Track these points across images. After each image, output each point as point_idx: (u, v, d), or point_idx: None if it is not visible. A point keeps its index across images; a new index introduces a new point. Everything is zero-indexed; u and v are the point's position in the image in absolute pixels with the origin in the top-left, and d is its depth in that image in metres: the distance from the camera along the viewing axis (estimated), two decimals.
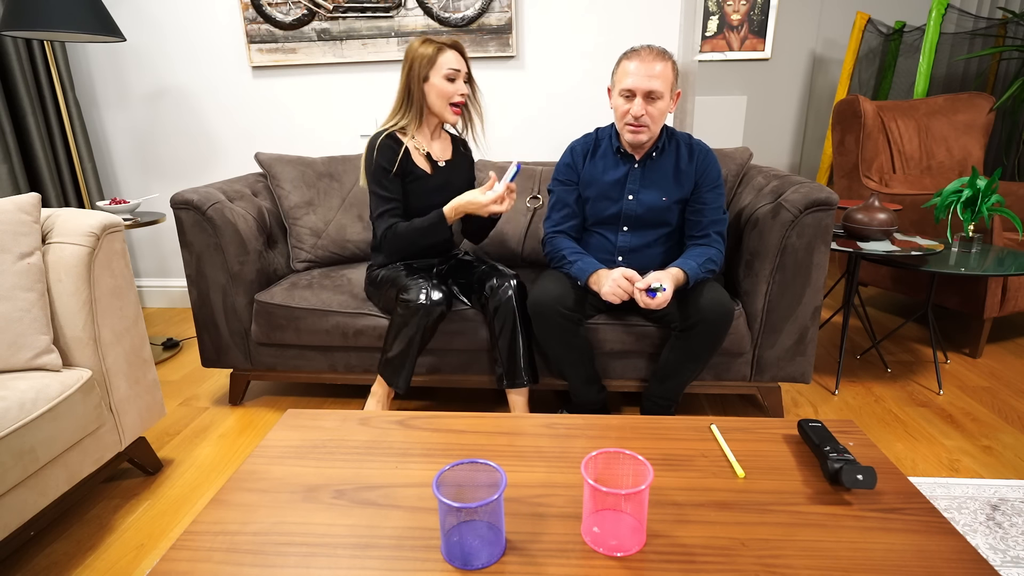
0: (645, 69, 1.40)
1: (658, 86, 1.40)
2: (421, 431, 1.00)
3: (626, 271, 1.42)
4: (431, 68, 1.53)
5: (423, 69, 1.53)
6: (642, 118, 1.43)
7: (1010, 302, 2.06)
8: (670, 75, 1.42)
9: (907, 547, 0.72)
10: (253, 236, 1.77)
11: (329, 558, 0.71)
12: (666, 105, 1.44)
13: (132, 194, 2.66)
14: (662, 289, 1.34)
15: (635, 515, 0.73)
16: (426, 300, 1.46)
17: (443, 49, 1.53)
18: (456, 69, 1.53)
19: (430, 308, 1.46)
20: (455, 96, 1.55)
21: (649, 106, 1.42)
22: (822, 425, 0.94)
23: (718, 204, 1.54)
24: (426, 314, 1.46)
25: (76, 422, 1.19)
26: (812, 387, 1.93)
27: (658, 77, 1.40)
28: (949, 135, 2.80)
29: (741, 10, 3.48)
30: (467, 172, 1.74)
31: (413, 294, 1.47)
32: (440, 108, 1.56)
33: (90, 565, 1.20)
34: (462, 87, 1.56)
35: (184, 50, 2.42)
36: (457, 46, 1.55)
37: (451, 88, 1.54)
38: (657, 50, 1.43)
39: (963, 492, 1.37)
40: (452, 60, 1.53)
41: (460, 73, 1.55)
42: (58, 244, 1.26)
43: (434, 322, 1.49)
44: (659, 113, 1.44)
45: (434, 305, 1.46)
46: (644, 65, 1.40)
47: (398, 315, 1.50)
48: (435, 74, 1.53)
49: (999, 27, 3.12)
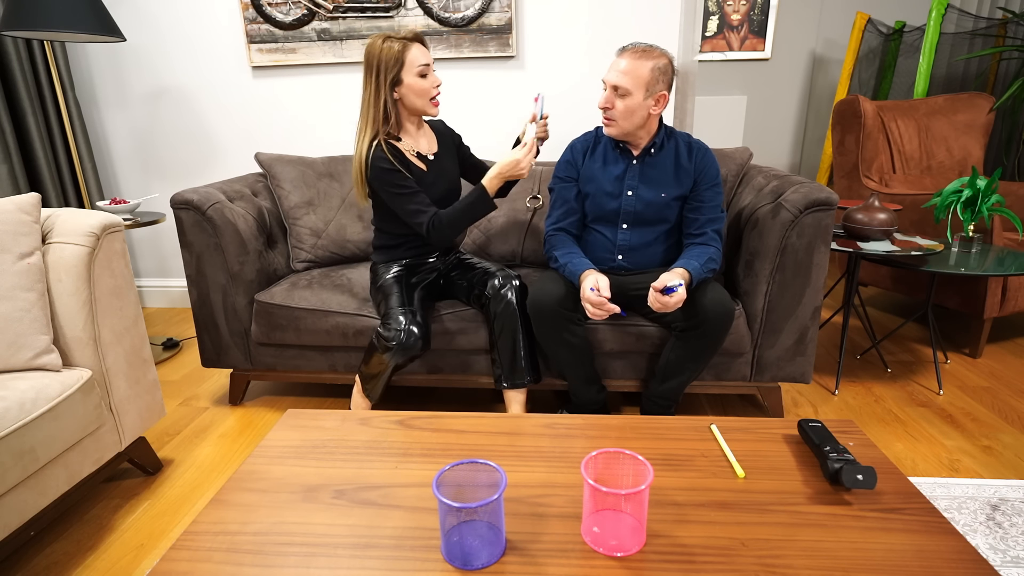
0: (616, 64, 1.44)
1: (623, 82, 1.42)
2: (421, 431, 1.00)
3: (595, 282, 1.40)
4: (401, 69, 1.45)
5: (390, 71, 1.45)
6: (609, 111, 1.47)
7: (1010, 302, 2.06)
8: (644, 74, 1.41)
9: (907, 547, 0.72)
10: (253, 236, 1.77)
11: (329, 558, 0.71)
12: (635, 103, 1.43)
13: (132, 194, 2.66)
14: (678, 285, 1.34)
15: (635, 515, 0.73)
16: (405, 338, 1.46)
17: (408, 45, 1.45)
18: (426, 64, 1.47)
19: (407, 347, 1.46)
20: (432, 91, 1.50)
21: (616, 99, 1.45)
22: (822, 425, 0.94)
23: (716, 202, 1.54)
24: (401, 351, 1.47)
25: (76, 422, 1.19)
26: (812, 387, 1.93)
27: (626, 73, 1.42)
28: (949, 135, 2.80)
29: (741, 10, 3.48)
30: (454, 153, 1.70)
31: (392, 328, 1.47)
32: (422, 105, 1.51)
33: (90, 565, 1.20)
34: (436, 79, 1.50)
35: (184, 50, 2.42)
36: (419, 38, 1.48)
37: (427, 84, 1.48)
38: (641, 49, 1.44)
39: (963, 492, 1.37)
40: (420, 55, 1.46)
41: (430, 66, 1.48)
42: (58, 244, 1.26)
43: (408, 360, 1.50)
44: (625, 109, 1.44)
45: (410, 344, 1.46)
46: (617, 60, 1.45)
47: (376, 342, 1.50)
48: (407, 74, 1.46)
49: (999, 27, 3.12)
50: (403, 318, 1.48)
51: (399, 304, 1.53)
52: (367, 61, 1.46)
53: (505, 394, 1.61)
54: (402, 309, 1.51)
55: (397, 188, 1.49)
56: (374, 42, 1.45)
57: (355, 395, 1.62)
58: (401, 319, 1.48)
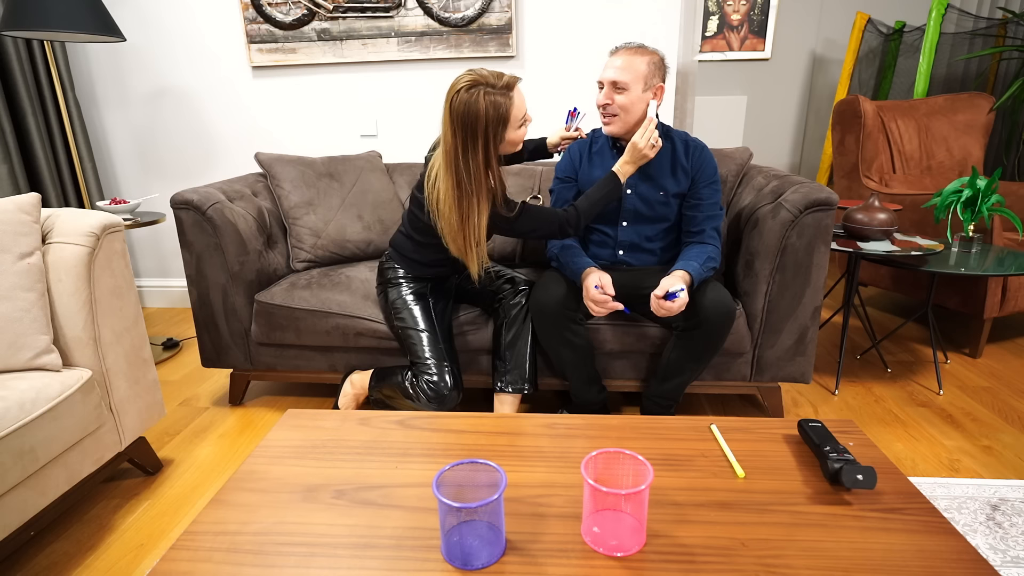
0: (612, 62, 1.46)
1: (622, 76, 1.44)
2: (421, 431, 1.00)
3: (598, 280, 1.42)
4: (505, 128, 1.26)
5: (494, 130, 1.24)
6: (609, 107, 1.47)
7: (1010, 302, 2.06)
8: (641, 69, 1.44)
9: (907, 547, 0.72)
10: (253, 236, 1.77)
11: (329, 558, 0.71)
12: (636, 97, 1.46)
13: (132, 194, 2.66)
14: (680, 289, 1.34)
15: (635, 515, 0.73)
16: (445, 398, 1.44)
17: (509, 97, 1.25)
18: (525, 111, 1.30)
19: (443, 403, 1.45)
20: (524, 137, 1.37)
21: (616, 95, 1.46)
22: (822, 425, 0.94)
23: (714, 200, 1.54)
24: (437, 405, 1.45)
25: (76, 422, 1.19)
26: (812, 387, 1.93)
27: (623, 68, 1.44)
28: (949, 135, 2.80)
29: (741, 10, 3.48)
30: None
31: (430, 385, 1.44)
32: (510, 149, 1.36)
33: (90, 565, 1.20)
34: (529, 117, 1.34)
35: (184, 50, 2.42)
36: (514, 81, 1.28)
37: (523, 133, 1.33)
38: (634, 47, 1.47)
39: (963, 492, 1.37)
40: (521, 103, 1.28)
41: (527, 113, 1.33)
42: (58, 244, 1.26)
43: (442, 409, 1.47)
44: (628, 103, 1.46)
45: (448, 401, 1.45)
46: (616, 59, 1.46)
47: (409, 390, 1.47)
48: (510, 131, 1.28)
49: (999, 27, 3.12)
50: (440, 375, 1.45)
51: (434, 355, 1.47)
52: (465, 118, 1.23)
53: (498, 397, 1.60)
54: (437, 363, 1.46)
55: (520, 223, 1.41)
56: (471, 95, 1.22)
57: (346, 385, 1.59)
58: (436, 376, 1.45)
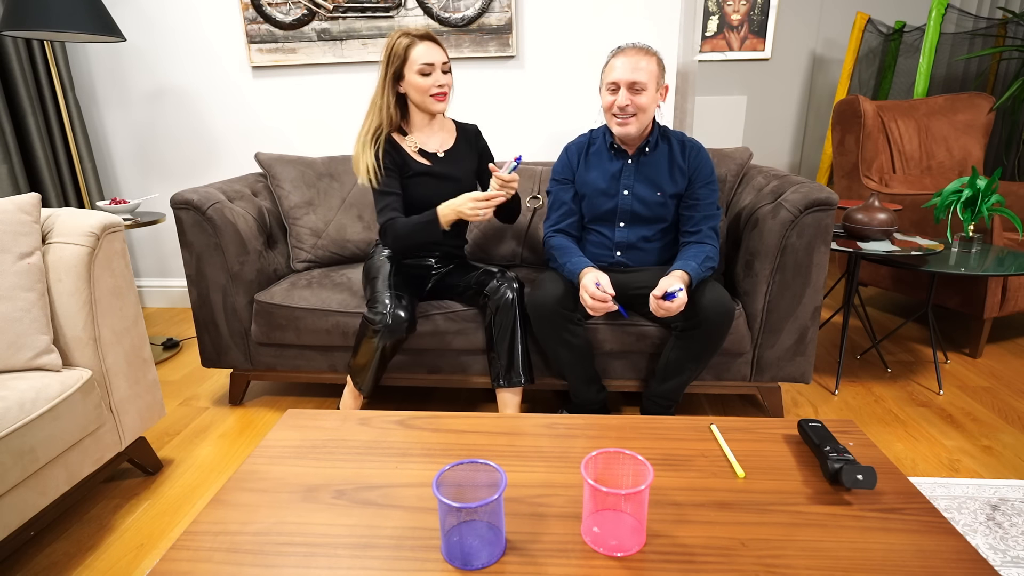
0: (630, 63, 1.45)
1: (641, 77, 1.44)
2: (421, 431, 1.00)
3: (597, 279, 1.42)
4: (404, 65, 1.49)
5: (395, 65, 1.50)
6: (627, 108, 1.47)
7: (1010, 302, 2.06)
8: (654, 69, 1.46)
9: (907, 547, 0.72)
10: (253, 236, 1.77)
11: (329, 558, 0.71)
12: (652, 97, 1.47)
13: (132, 194, 2.66)
14: (679, 290, 1.34)
15: (635, 515, 0.73)
16: (391, 320, 1.46)
17: (414, 43, 1.48)
18: (429, 63, 1.48)
19: (393, 328, 1.46)
20: (432, 89, 1.50)
21: (634, 96, 1.46)
22: (822, 425, 0.94)
23: (711, 200, 1.55)
24: (388, 333, 1.47)
25: (76, 422, 1.19)
26: (812, 387, 1.93)
27: (640, 69, 1.44)
28: (949, 135, 2.80)
29: (741, 10, 3.48)
30: (471, 161, 1.68)
31: (378, 311, 1.47)
32: (421, 101, 1.53)
33: (90, 565, 1.20)
34: (440, 78, 1.50)
35: (184, 50, 2.42)
36: (429, 36, 1.50)
37: (427, 83, 1.49)
38: (641, 47, 1.48)
39: (963, 492, 1.37)
40: (424, 54, 1.47)
41: (435, 66, 1.49)
42: (58, 244, 1.26)
43: (395, 342, 1.49)
44: (646, 103, 1.47)
45: (396, 325, 1.46)
46: (628, 60, 1.45)
47: (363, 326, 1.50)
48: (409, 70, 1.49)
49: (999, 27, 3.12)
50: (389, 301, 1.48)
51: (386, 287, 1.52)
52: (384, 51, 1.51)
53: (500, 394, 1.60)
54: (388, 292, 1.51)
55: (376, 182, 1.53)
56: (391, 36, 1.51)
57: (345, 394, 1.61)
58: (387, 301, 1.48)
